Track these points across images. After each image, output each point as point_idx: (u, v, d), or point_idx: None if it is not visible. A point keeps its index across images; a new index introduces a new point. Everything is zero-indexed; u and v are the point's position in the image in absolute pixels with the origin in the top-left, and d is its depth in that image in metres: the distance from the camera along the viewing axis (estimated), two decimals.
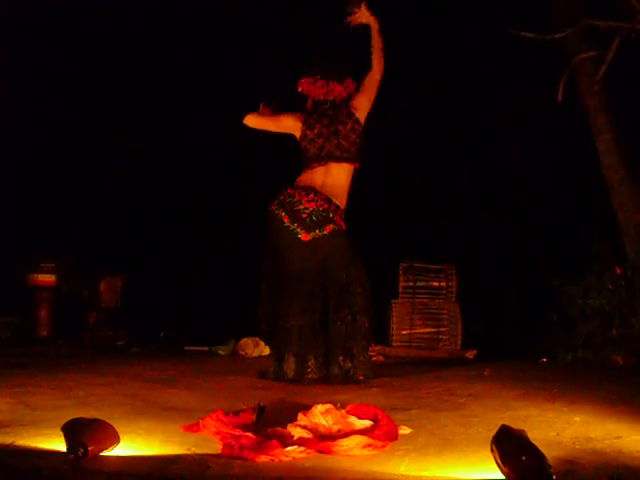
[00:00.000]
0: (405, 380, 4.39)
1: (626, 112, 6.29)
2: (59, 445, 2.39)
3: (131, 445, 2.52)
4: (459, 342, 6.36)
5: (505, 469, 2.02)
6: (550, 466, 1.95)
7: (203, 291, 7.55)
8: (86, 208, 7.81)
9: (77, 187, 7.83)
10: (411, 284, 6.39)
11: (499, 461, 2.05)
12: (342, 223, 4.41)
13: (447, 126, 7.56)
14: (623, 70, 6.14)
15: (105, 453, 2.34)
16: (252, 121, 4.69)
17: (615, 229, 6.21)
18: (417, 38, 7.12)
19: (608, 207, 6.28)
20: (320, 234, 4.32)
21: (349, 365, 4.22)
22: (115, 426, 2.49)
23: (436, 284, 6.41)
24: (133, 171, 7.86)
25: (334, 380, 4.17)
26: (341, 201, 4.46)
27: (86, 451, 2.20)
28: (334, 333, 4.25)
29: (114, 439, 2.37)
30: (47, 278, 7.29)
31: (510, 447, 2.03)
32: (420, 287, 6.42)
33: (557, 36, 6.14)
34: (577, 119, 6.42)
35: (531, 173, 7.54)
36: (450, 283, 6.44)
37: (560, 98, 6.13)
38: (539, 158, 7.51)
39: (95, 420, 2.40)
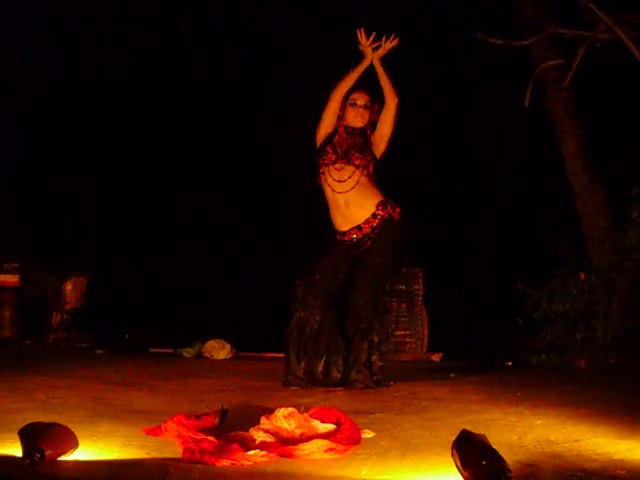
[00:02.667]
0: None
1: (591, 119, 6.38)
2: (16, 450, 2.34)
3: (90, 449, 2.48)
4: (425, 345, 6.39)
5: (465, 473, 2.03)
6: (510, 470, 1.96)
7: (170, 292, 7.50)
8: (51, 208, 7.71)
9: (42, 186, 7.73)
10: None
11: (459, 465, 2.06)
12: None
13: (416, 127, 7.60)
14: (589, 78, 6.24)
15: (63, 458, 2.30)
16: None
17: (580, 234, 6.29)
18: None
19: (573, 212, 6.36)
20: None
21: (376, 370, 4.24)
22: (75, 430, 2.45)
23: (402, 287, 6.44)
24: (100, 171, 7.79)
25: (360, 385, 4.15)
26: None
27: (42, 456, 2.16)
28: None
29: (72, 443, 2.34)
30: (11, 278, 7.17)
31: (470, 451, 2.04)
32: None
33: (524, 43, 6.22)
34: (546, 124, 6.50)
35: (501, 176, 7.61)
36: (416, 286, 6.47)
37: (527, 104, 6.21)
38: (509, 161, 7.59)
39: (53, 424, 2.36)
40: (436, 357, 6.19)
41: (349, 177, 4.34)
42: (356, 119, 4.44)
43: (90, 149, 7.84)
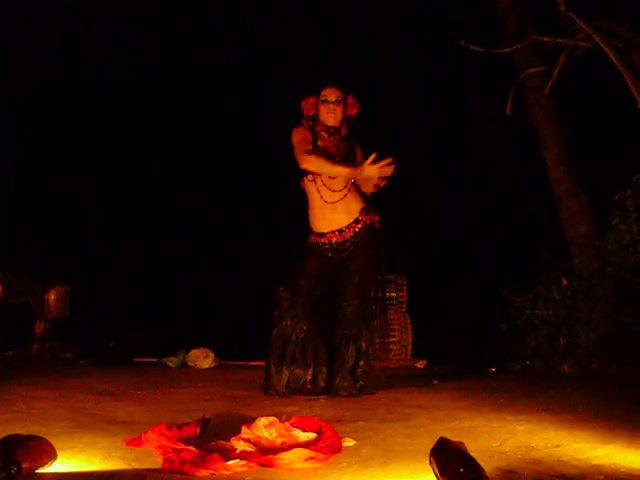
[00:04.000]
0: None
1: (573, 126, 6.44)
2: None
3: (70, 461, 2.46)
4: (409, 352, 6.41)
5: None
6: (487, 477, 1.97)
7: (153, 302, 7.47)
8: (34, 217, 7.68)
9: (25, 196, 7.69)
10: None
11: (437, 472, 2.07)
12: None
13: (401, 132, 7.65)
14: (570, 85, 6.30)
15: (41, 470, 2.28)
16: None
17: (562, 240, 6.33)
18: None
19: (556, 218, 6.40)
20: None
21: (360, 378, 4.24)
22: (56, 441, 2.44)
23: (387, 294, 6.45)
24: (82, 181, 7.77)
25: (343, 392, 4.15)
26: None
27: (19, 469, 2.13)
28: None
29: (50, 455, 2.32)
30: None
31: (448, 458, 2.05)
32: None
33: (506, 50, 6.28)
34: (528, 131, 6.54)
35: (485, 183, 7.65)
36: (400, 293, 6.49)
37: (509, 111, 6.26)
38: (493, 168, 7.63)
39: (31, 436, 2.34)
40: (420, 364, 6.20)
41: (344, 187, 4.32)
42: (329, 116, 4.37)
43: (74, 158, 7.81)
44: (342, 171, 4.21)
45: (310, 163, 4.24)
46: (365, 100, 4.51)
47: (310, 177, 4.36)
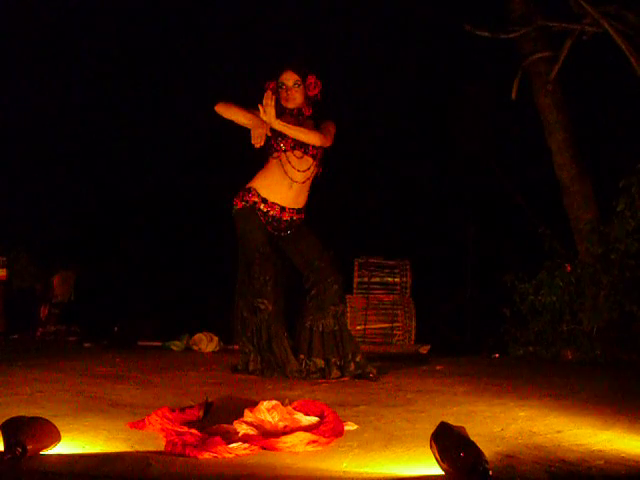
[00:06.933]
0: None
1: (578, 111, 6.41)
2: None
3: (74, 443, 2.48)
4: (413, 337, 6.42)
5: (444, 465, 2.05)
6: (487, 462, 1.98)
7: (158, 285, 7.49)
8: (39, 201, 7.70)
9: (28, 180, 7.71)
10: (365, 280, 6.44)
11: (438, 457, 2.08)
12: None
13: (403, 118, 7.64)
14: (576, 70, 6.26)
15: (45, 452, 2.31)
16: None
17: (567, 227, 6.32)
18: (377, 32, 7.22)
19: (561, 205, 6.39)
20: None
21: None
22: (60, 423, 2.46)
23: (391, 280, 6.46)
24: (85, 164, 7.78)
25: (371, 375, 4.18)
26: None
27: (24, 450, 2.16)
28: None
29: (55, 437, 2.34)
30: None
31: (448, 443, 2.06)
32: (375, 283, 6.46)
33: (512, 35, 6.23)
34: (533, 117, 6.52)
35: (486, 169, 7.64)
36: (404, 279, 6.49)
37: (514, 96, 6.23)
38: (494, 154, 7.61)
39: (35, 418, 2.36)
40: (424, 349, 6.21)
41: (308, 168, 4.26)
42: (288, 101, 4.26)
43: (75, 142, 7.82)
44: (250, 118, 4.12)
45: (221, 106, 4.15)
46: (366, 89, 4.48)
47: (276, 154, 4.26)
